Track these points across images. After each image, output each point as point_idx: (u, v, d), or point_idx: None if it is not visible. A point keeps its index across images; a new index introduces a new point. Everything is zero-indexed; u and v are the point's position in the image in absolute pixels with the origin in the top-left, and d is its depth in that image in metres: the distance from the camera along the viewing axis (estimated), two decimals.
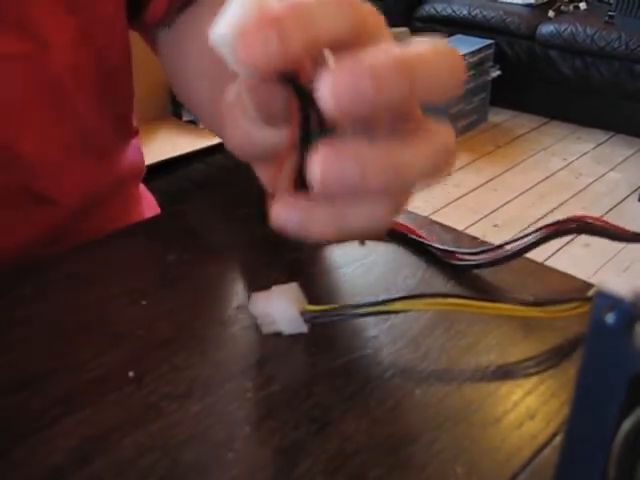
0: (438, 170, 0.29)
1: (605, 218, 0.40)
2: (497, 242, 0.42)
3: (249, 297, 0.35)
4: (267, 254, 0.43)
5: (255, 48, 0.25)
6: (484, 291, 0.40)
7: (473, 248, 0.42)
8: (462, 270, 0.41)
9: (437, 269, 0.42)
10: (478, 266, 0.41)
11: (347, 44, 0.27)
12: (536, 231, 0.40)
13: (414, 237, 0.44)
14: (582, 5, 3.30)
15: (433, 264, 0.42)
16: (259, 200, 0.33)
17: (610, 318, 0.20)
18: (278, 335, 0.35)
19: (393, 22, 3.28)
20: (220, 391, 0.32)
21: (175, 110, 2.60)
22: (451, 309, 0.35)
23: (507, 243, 0.41)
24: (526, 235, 0.40)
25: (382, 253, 0.44)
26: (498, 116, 3.28)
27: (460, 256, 0.42)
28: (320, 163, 0.26)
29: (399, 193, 0.29)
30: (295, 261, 0.42)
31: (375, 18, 0.29)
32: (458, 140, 3.29)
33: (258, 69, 0.26)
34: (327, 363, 0.34)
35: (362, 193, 0.28)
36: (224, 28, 0.27)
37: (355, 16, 0.27)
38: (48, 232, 0.51)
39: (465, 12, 3.32)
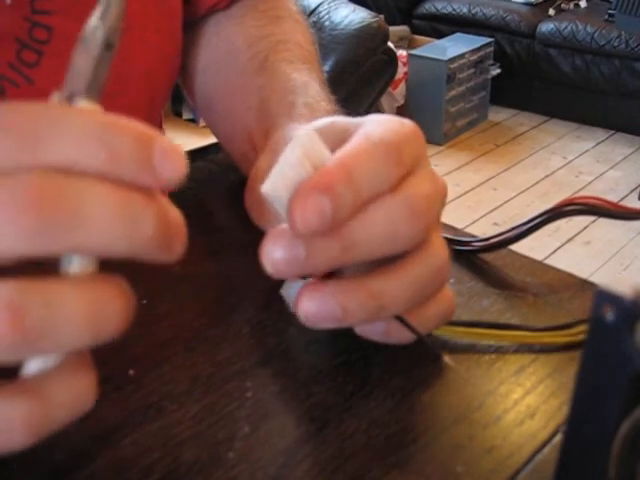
0: (425, 294, 0.31)
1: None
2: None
3: (284, 282, 0.34)
4: None
5: (311, 217, 0.27)
6: (484, 289, 0.40)
7: (480, 236, 0.42)
8: (473, 253, 0.42)
9: None
10: (489, 249, 0.42)
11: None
12: (542, 214, 0.40)
13: None
14: (582, 3, 3.30)
15: None
16: None
17: (610, 316, 0.20)
18: (280, 332, 0.35)
19: (393, 20, 3.28)
20: (220, 391, 0.32)
21: (175, 108, 2.60)
22: (469, 338, 0.36)
23: (512, 229, 0.41)
24: (532, 219, 0.41)
25: None
26: (498, 114, 3.28)
27: (470, 242, 0.42)
28: (303, 306, 0.29)
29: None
30: None
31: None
32: (458, 139, 3.27)
33: (311, 232, 0.27)
34: (327, 363, 0.34)
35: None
36: (279, 188, 0.28)
37: (397, 172, 0.29)
38: None
39: (465, 10, 3.32)
